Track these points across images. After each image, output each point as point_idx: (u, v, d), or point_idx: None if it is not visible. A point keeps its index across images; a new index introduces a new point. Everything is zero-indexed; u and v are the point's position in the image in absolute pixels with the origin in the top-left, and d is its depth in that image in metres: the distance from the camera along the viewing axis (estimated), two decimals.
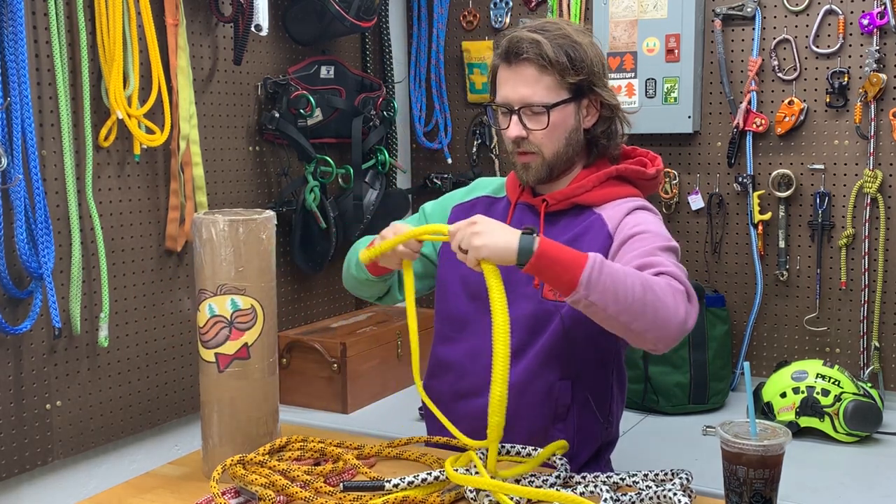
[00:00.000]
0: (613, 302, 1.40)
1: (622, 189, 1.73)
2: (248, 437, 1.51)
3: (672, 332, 1.44)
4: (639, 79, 2.83)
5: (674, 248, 1.59)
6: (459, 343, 1.76)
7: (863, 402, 2.34)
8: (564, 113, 1.67)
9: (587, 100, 1.69)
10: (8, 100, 1.89)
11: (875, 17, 2.54)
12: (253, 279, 1.48)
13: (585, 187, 1.70)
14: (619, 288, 1.40)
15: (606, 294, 1.40)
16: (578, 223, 1.69)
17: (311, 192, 2.69)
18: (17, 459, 2.05)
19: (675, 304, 1.43)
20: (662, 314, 1.42)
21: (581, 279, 1.39)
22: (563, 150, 1.69)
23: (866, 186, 2.59)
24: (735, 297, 2.84)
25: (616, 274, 1.41)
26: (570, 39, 1.65)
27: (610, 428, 1.78)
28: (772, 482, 1.24)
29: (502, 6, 3.09)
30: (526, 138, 1.68)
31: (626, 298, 1.40)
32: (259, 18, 2.44)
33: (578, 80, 1.66)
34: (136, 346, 2.31)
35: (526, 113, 1.67)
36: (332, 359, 2.61)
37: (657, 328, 1.44)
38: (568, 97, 1.67)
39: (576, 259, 1.40)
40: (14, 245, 1.94)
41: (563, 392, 1.68)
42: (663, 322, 1.43)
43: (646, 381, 2.65)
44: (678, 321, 1.44)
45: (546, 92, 1.65)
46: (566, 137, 1.69)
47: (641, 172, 1.74)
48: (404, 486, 1.36)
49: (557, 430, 1.70)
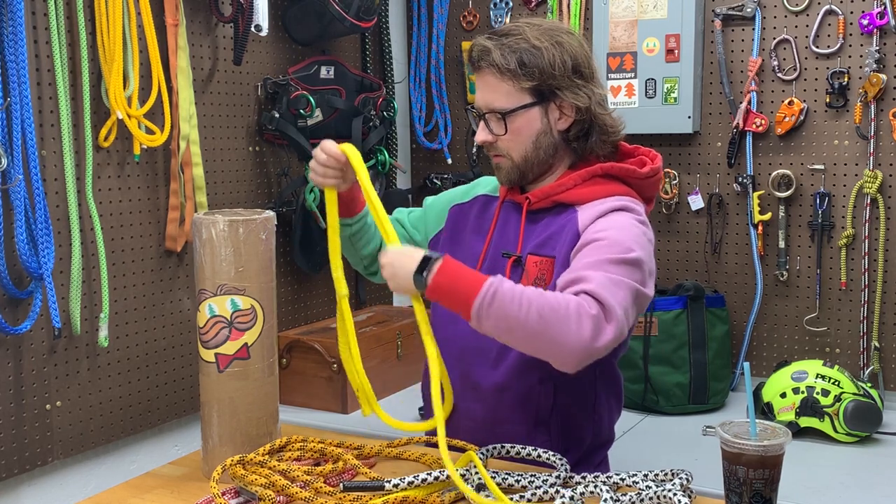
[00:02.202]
0: (506, 330, 1.45)
1: (609, 187, 1.69)
2: (248, 437, 1.51)
3: (574, 355, 1.45)
4: (639, 79, 2.83)
5: (630, 259, 1.52)
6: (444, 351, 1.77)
7: (863, 402, 2.34)
8: (527, 118, 1.67)
9: (553, 104, 1.67)
10: (8, 100, 1.89)
11: (875, 18, 2.54)
12: (253, 279, 1.48)
13: (567, 185, 1.69)
14: (511, 317, 1.43)
15: (499, 323, 1.44)
16: (558, 221, 1.68)
17: (311, 192, 2.69)
18: (17, 459, 2.05)
19: (577, 329, 1.42)
20: (560, 339, 1.43)
21: (472, 311, 1.45)
22: (531, 154, 1.69)
23: (866, 187, 2.59)
24: (735, 297, 2.84)
25: (508, 302, 1.43)
26: (528, 44, 1.64)
27: (600, 428, 1.76)
28: (772, 482, 1.24)
29: (502, 6, 3.09)
30: (493, 143, 1.70)
31: (519, 326, 1.43)
32: (259, 18, 2.45)
33: (534, 86, 1.64)
34: (136, 346, 2.31)
35: (491, 119, 1.68)
36: (332, 359, 2.61)
37: (555, 353, 1.46)
38: (529, 102, 1.66)
39: (469, 290, 1.45)
40: (14, 245, 1.94)
41: (544, 396, 1.67)
42: (561, 347, 1.44)
43: (646, 381, 2.65)
44: (580, 345, 1.43)
45: (505, 98, 1.66)
46: (534, 141, 1.68)
47: (631, 171, 1.70)
48: (404, 486, 1.36)
49: (540, 433, 1.69)
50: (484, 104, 1.69)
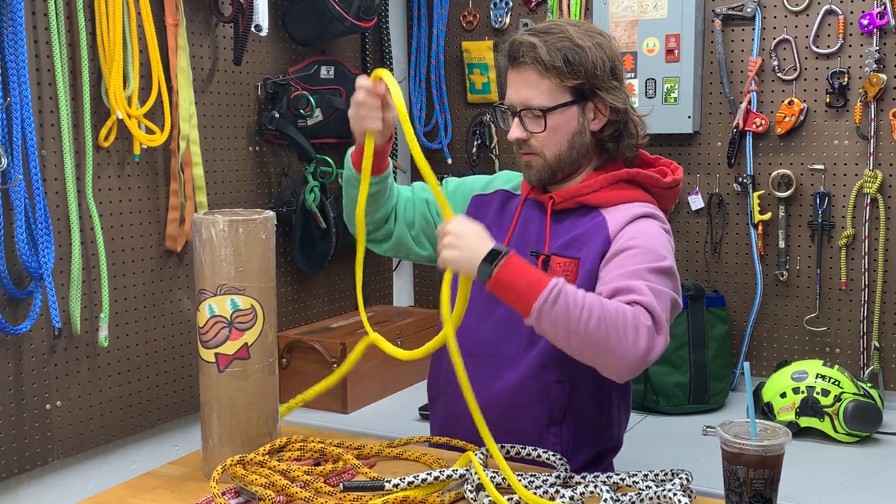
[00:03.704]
0: (564, 333, 1.44)
1: (633, 193, 1.70)
2: (248, 437, 1.51)
3: (627, 366, 1.45)
4: (639, 79, 2.83)
5: (665, 268, 1.54)
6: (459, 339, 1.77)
7: (863, 402, 2.34)
8: (565, 116, 1.67)
9: (591, 103, 1.68)
10: (8, 100, 1.89)
11: (875, 18, 2.54)
12: (253, 279, 1.48)
13: (592, 187, 1.69)
14: (572, 320, 1.42)
15: (557, 325, 1.43)
16: (583, 223, 1.68)
17: (311, 192, 2.69)
18: (17, 459, 2.05)
19: (634, 340, 1.43)
20: (618, 349, 1.43)
21: (533, 308, 1.43)
22: (565, 153, 1.69)
23: (866, 187, 2.59)
24: (735, 297, 2.84)
25: (571, 306, 1.42)
26: (572, 42, 1.64)
27: (610, 433, 1.76)
28: (772, 482, 1.24)
29: (502, 6, 3.09)
30: (527, 140, 1.69)
31: (578, 331, 1.42)
32: (259, 18, 2.45)
33: (577, 84, 1.65)
34: (136, 346, 2.31)
35: (527, 115, 1.68)
36: (332, 359, 2.61)
37: (610, 362, 1.46)
38: (569, 100, 1.66)
39: (533, 288, 1.43)
40: (14, 245, 1.94)
41: (559, 395, 1.67)
42: (618, 357, 1.44)
43: (646, 381, 2.65)
44: (636, 356, 1.44)
45: (546, 95, 1.65)
46: (569, 140, 1.68)
47: (655, 179, 1.71)
48: (404, 486, 1.37)
49: (552, 433, 1.69)
50: (520, 100, 1.67)
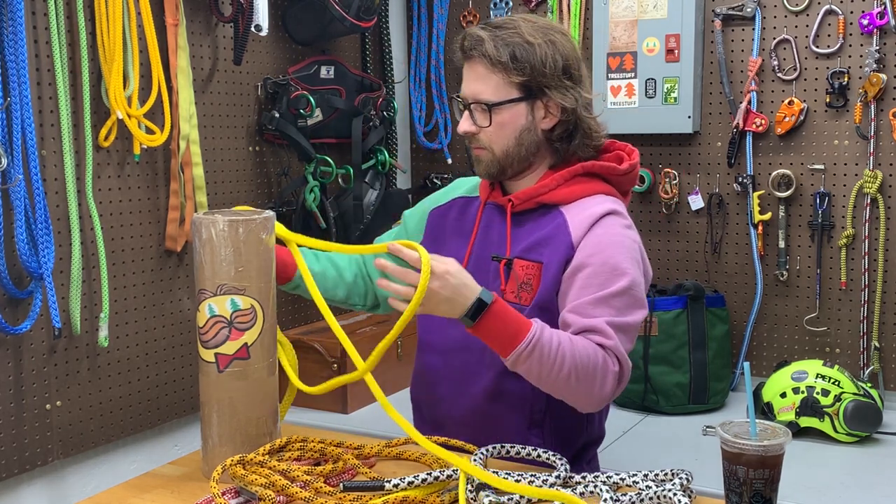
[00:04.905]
0: (536, 378, 1.54)
1: (591, 185, 1.71)
2: (247, 437, 1.50)
3: (592, 406, 1.59)
4: (639, 79, 2.83)
5: (624, 288, 1.59)
6: (435, 350, 1.78)
7: (863, 402, 2.34)
8: (513, 112, 1.67)
9: (541, 102, 1.67)
10: (8, 100, 1.89)
11: (875, 17, 2.54)
12: (253, 279, 1.48)
13: (550, 186, 1.69)
14: (544, 370, 1.51)
15: (531, 371, 1.53)
16: (544, 224, 1.68)
17: (311, 192, 2.69)
18: (17, 459, 2.05)
19: (601, 385, 1.54)
20: (585, 394, 1.55)
21: (510, 356, 1.51)
22: (513, 150, 1.69)
23: (866, 187, 2.59)
24: (735, 297, 2.84)
25: (546, 357, 1.50)
26: (522, 38, 1.64)
27: (591, 427, 1.78)
28: (772, 482, 1.24)
29: (502, 6, 3.09)
30: (476, 134, 1.69)
31: (550, 378, 1.52)
32: (259, 18, 2.44)
33: (524, 81, 1.65)
34: (136, 346, 2.31)
35: (476, 109, 1.68)
36: (332, 359, 2.61)
37: (576, 402, 1.58)
38: (516, 97, 1.66)
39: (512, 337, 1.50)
40: (14, 245, 1.94)
41: (537, 398, 1.68)
42: (583, 399, 1.57)
43: (646, 381, 2.65)
44: (601, 399, 1.57)
45: (493, 90, 1.66)
46: (516, 137, 1.68)
47: (612, 168, 1.72)
48: (404, 486, 1.36)
49: (534, 434, 1.70)
50: (470, 94, 1.68)
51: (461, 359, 1.72)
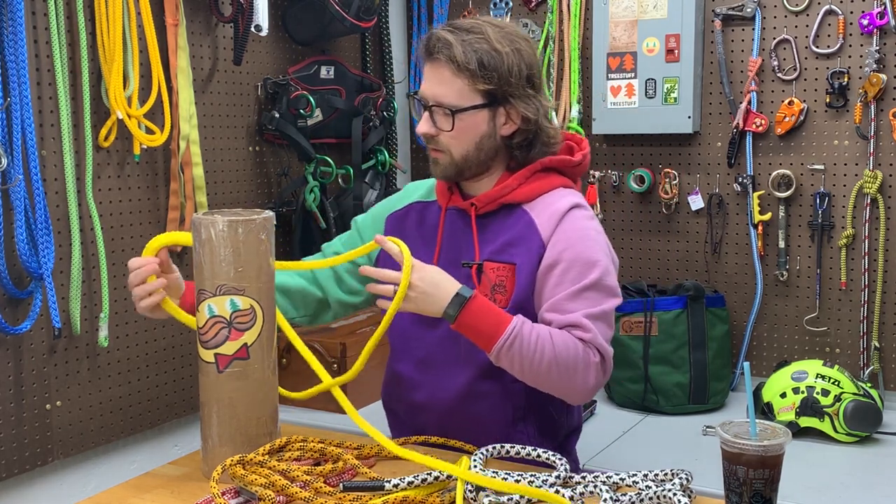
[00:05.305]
0: (519, 371, 1.58)
1: (550, 180, 1.72)
2: (247, 437, 1.50)
3: (577, 398, 1.64)
4: (639, 79, 2.83)
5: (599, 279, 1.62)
6: (409, 357, 1.78)
7: (863, 402, 2.34)
8: (475, 118, 1.66)
9: (503, 109, 1.67)
10: (8, 100, 1.89)
11: (875, 18, 2.54)
12: (252, 279, 1.48)
13: (512, 186, 1.70)
14: (526, 362, 1.56)
15: (514, 364, 1.57)
16: (509, 225, 1.69)
17: (311, 192, 2.69)
18: (17, 459, 2.05)
19: (583, 377, 1.59)
20: (568, 385, 1.59)
21: (492, 349, 1.56)
22: (473, 154, 1.68)
23: (866, 187, 2.59)
24: (735, 297, 2.84)
25: (526, 349, 1.55)
26: (490, 46, 1.62)
27: (570, 418, 1.81)
28: (772, 482, 1.24)
29: (502, 6, 3.09)
30: (435, 136, 1.68)
31: (532, 370, 1.57)
32: (259, 18, 2.45)
33: (489, 89, 1.64)
34: (136, 346, 2.31)
35: (437, 112, 1.67)
36: (332, 359, 2.61)
37: (561, 394, 1.63)
38: (480, 103, 1.65)
39: (493, 330, 1.55)
40: (14, 245, 1.94)
41: (518, 394, 1.70)
42: (567, 391, 1.61)
43: (646, 381, 2.65)
44: (584, 391, 1.61)
45: (457, 95, 1.64)
46: (476, 142, 1.67)
47: (567, 161, 1.74)
48: (404, 486, 1.36)
49: (518, 430, 1.72)
50: (432, 95, 1.67)
51: (437, 364, 1.73)
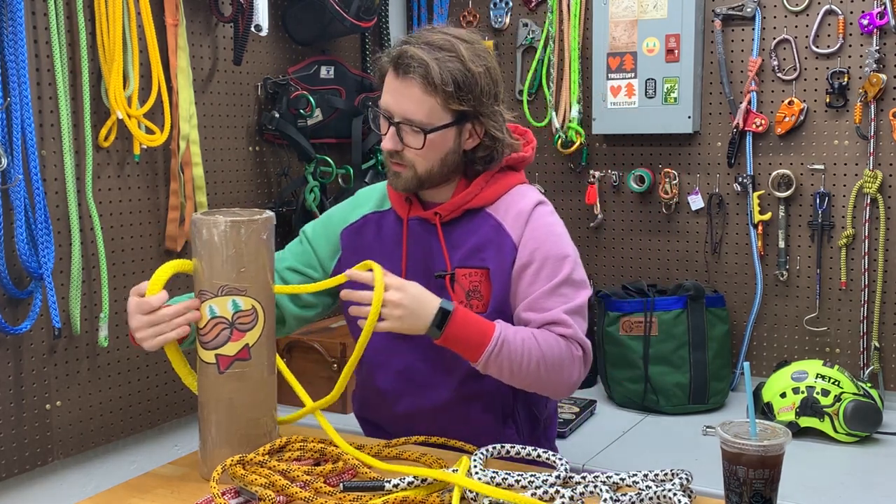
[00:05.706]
0: (508, 376, 1.61)
1: (507, 180, 1.74)
2: (247, 437, 1.50)
3: (562, 393, 1.68)
4: (639, 79, 2.83)
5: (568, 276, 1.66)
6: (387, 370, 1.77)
7: (863, 402, 2.34)
8: (444, 136, 1.65)
9: (470, 124, 1.67)
10: (8, 100, 1.89)
11: (875, 18, 2.54)
12: (254, 280, 1.48)
13: (474, 192, 1.70)
14: (514, 366, 1.59)
15: (502, 370, 1.60)
16: (474, 229, 1.70)
17: (311, 192, 2.69)
18: (17, 459, 2.05)
19: (568, 373, 1.64)
20: (553, 382, 1.63)
21: (480, 359, 1.58)
22: (436, 169, 1.68)
23: (866, 187, 2.59)
24: (735, 297, 2.84)
25: (514, 354, 1.58)
26: (463, 66, 1.61)
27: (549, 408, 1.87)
28: (772, 482, 1.24)
29: (502, 6, 3.09)
30: (400, 152, 1.66)
31: (521, 373, 1.60)
32: (259, 18, 2.45)
33: (462, 110, 1.63)
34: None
35: (405, 129, 1.64)
36: (332, 359, 2.61)
37: (547, 392, 1.68)
38: (450, 122, 1.64)
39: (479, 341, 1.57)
40: (14, 245, 1.94)
41: (506, 393, 1.73)
42: (552, 388, 1.66)
43: (646, 381, 2.65)
44: (569, 386, 1.66)
45: (428, 114, 1.62)
46: (441, 158, 1.66)
47: (520, 158, 1.76)
48: (404, 487, 1.36)
49: (509, 428, 1.75)
50: (400, 112, 1.63)
51: (418, 373, 1.73)
